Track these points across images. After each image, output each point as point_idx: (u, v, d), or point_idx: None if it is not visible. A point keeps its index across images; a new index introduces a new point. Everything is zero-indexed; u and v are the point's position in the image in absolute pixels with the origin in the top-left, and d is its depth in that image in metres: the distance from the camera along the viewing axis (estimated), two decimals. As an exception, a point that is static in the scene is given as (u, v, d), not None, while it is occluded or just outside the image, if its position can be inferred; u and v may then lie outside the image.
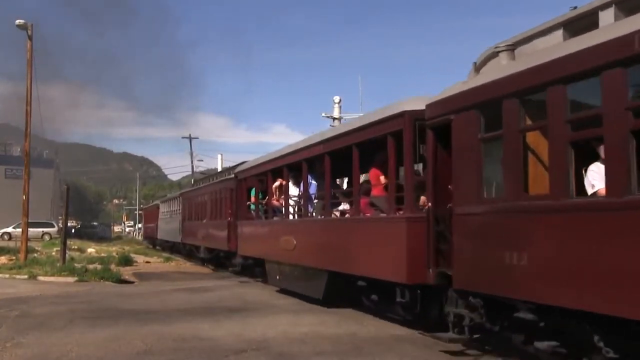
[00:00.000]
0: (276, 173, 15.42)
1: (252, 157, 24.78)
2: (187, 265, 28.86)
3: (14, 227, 42.21)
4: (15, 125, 51.06)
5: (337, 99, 30.98)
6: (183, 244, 33.12)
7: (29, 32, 24.12)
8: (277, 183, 15.30)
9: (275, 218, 15.79)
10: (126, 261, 26.25)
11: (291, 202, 14.45)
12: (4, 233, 45.32)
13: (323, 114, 31.06)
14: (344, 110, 30.86)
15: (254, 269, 19.15)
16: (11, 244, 31.97)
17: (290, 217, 14.51)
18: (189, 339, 9.31)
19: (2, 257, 25.31)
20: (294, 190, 14.39)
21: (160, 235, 42.51)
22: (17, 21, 23.93)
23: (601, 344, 5.86)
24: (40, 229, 45.80)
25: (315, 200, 13.21)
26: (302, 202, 13.85)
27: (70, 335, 9.60)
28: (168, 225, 38.62)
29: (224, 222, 21.99)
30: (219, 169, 47.03)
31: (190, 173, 62.10)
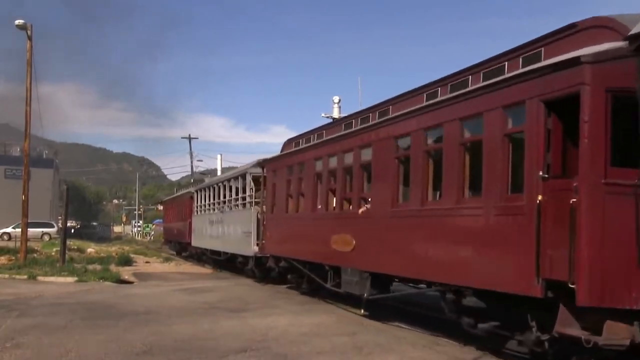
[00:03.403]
0: None
1: (253, 158, 22.09)
2: (186, 266, 28.85)
3: (13, 227, 42.08)
4: (15, 126, 51.12)
5: (336, 99, 30.98)
6: (258, 258, 18.48)
7: (29, 32, 24.09)
8: None
9: None
10: (126, 261, 26.29)
11: None
12: (3, 233, 45.19)
13: (323, 114, 31.10)
14: (343, 110, 30.88)
15: None
16: (11, 244, 31.93)
17: None
18: (188, 339, 9.31)
19: (2, 258, 25.27)
20: None
21: (198, 241, 28.65)
22: (17, 21, 23.89)
23: None
24: (40, 229, 45.66)
25: None
26: None
27: (70, 335, 9.59)
28: (217, 228, 24.14)
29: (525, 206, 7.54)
30: (219, 170, 46.97)
31: (190, 173, 62.14)
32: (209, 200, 26.58)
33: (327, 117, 30.74)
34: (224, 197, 23.69)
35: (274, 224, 16.88)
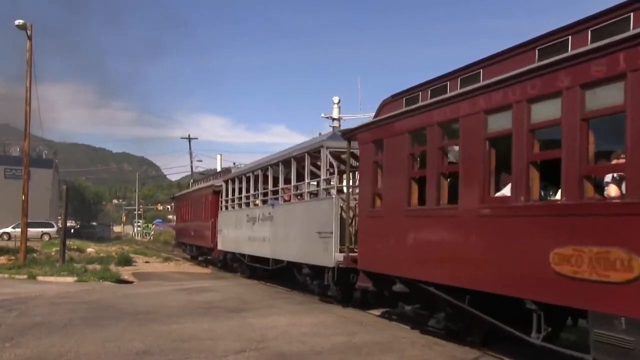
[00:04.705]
0: None
1: (253, 158, 20.72)
2: (186, 266, 28.86)
3: (13, 227, 42.10)
4: (15, 126, 51.18)
5: (336, 99, 31.04)
6: (340, 272, 13.10)
7: (29, 32, 24.08)
8: None
9: None
10: (125, 261, 26.29)
11: None
12: (3, 233, 45.20)
13: (322, 115, 31.14)
14: (343, 110, 30.93)
15: None
16: (10, 244, 31.92)
17: None
18: (188, 339, 9.32)
19: (2, 257, 25.27)
20: None
21: (229, 245, 22.97)
22: (17, 21, 23.87)
23: None
24: (40, 229, 45.69)
25: None
26: None
27: (70, 335, 9.60)
28: (263, 227, 18.55)
29: None
30: (219, 169, 46.95)
31: (190, 173, 62.12)
32: (247, 192, 20.87)
33: (327, 117, 30.80)
34: (274, 185, 18.23)
35: (378, 225, 10.88)
